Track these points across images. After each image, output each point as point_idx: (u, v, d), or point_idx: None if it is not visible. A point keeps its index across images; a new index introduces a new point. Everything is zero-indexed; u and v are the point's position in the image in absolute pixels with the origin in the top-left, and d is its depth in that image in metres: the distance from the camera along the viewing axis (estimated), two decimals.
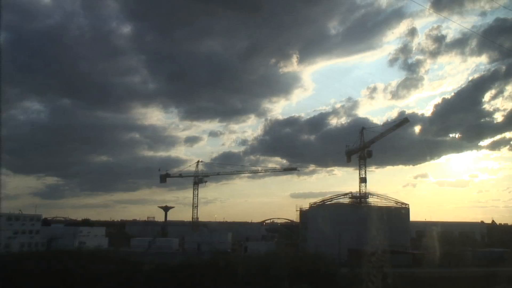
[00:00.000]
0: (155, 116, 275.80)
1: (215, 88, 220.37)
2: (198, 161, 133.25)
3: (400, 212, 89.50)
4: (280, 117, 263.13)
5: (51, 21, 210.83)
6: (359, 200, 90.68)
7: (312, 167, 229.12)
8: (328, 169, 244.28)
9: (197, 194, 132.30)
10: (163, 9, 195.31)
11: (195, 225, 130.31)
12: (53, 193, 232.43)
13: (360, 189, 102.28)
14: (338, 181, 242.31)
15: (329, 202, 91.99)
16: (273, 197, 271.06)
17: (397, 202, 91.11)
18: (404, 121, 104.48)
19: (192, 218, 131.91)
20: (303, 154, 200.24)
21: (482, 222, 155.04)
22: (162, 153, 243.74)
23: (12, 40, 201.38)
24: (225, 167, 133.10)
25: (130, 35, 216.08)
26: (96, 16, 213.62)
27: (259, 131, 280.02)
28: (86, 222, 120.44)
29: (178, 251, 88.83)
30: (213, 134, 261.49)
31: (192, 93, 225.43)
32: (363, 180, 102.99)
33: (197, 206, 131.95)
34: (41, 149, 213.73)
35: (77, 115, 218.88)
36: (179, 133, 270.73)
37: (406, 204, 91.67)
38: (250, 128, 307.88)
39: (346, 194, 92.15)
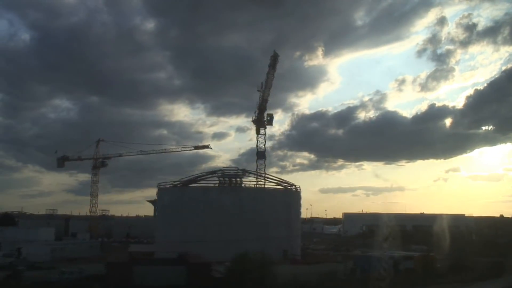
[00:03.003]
0: (182, 112, 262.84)
1: (240, 82, 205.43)
2: (98, 140, 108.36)
3: (284, 196, 61.61)
4: (307, 112, 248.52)
5: (75, 19, 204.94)
6: (230, 180, 62.68)
7: (340, 161, 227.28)
8: (357, 163, 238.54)
9: (98, 180, 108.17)
10: (185, 3, 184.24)
11: (95, 219, 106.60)
12: (86, 190, 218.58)
13: (257, 167, 75.09)
14: (368, 175, 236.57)
15: (196, 183, 64.70)
16: (302, 193, 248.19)
17: (280, 183, 63.01)
18: (274, 56, 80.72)
19: (90, 210, 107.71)
20: (331, 148, 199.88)
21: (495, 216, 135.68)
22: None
23: (39, 38, 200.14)
24: (135, 146, 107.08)
25: (154, 31, 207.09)
26: (119, 13, 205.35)
27: (286, 126, 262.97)
28: None
29: None
30: (240, 129, 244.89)
31: (217, 88, 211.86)
32: (260, 155, 75.27)
33: (97, 195, 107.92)
34: (72, 146, 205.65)
35: (105, 112, 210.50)
36: (206, 129, 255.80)
37: (294, 186, 63.44)
38: (277, 123, 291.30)
39: (214, 172, 64.71)
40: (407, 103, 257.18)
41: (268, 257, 33.88)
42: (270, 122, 77.75)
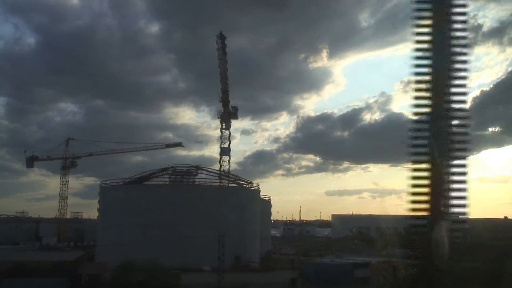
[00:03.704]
0: (187, 115, 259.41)
1: (245, 85, 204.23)
2: (68, 139, 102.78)
3: (239, 195, 55.38)
4: (312, 114, 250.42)
5: (80, 22, 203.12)
6: (183, 178, 56.61)
7: (346, 164, 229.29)
8: (363, 165, 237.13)
9: (67, 181, 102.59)
10: (189, 6, 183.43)
11: (64, 222, 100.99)
12: (92, 193, 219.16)
13: (220, 165, 68.83)
14: (374, 178, 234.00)
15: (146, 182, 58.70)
16: (307, 195, 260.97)
17: (235, 181, 56.67)
18: (221, 37, 73.12)
19: (59, 212, 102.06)
20: (337, 151, 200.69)
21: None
22: (195, 152, 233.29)
23: (44, 42, 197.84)
24: (102, 144, 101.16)
25: (158, 34, 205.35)
26: (123, 16, 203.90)
27: (291, 128, 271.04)
28: None
29: None
30: (245, 132, 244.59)
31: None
32: (224, 151, 69.01)
33: (66, 197, 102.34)
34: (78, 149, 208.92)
35: (111, 116, 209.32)
36: (212, 132, 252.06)
37: (250, 184, 57.18)
38: (282, 125, 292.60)
39: (166, 169, 58.62)
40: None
41: (159, 265, 27.49)
42: (235, 115, 71.39)
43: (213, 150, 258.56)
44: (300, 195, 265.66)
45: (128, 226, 50.38)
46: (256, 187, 57.64)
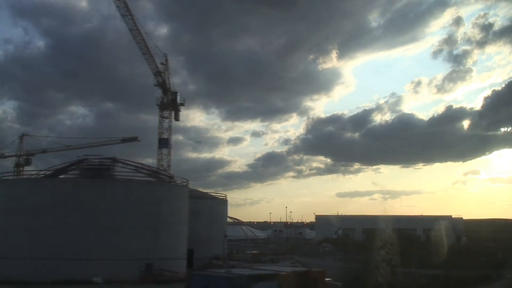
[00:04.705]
0: (197, 117, 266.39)
1: (254, 87, 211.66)
2: (22, 135, 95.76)
3: (156, 191, 46.46)
4: (322, 115, 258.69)
5: (89, 25, 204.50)
6: (97, 171, 47.75)
7: (357, 165, 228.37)
8: (374, 167, 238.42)
9: None
10: (198, 8, 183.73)
11: None
12: None
13: (158, 160, 60.18)
14: (385, 179, 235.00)
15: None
16: (319, 197, 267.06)
17: (152, 174, 47.77)
18: None
19: None
20: (347, 152, 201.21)
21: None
22: (206, 155, 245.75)
23: (54, 46, 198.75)
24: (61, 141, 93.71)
25: (167, 36, 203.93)
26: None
27: (301, 130, 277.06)
28: None
29: None
30: (255, 134, 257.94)
31: (231, 92, 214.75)
32: (162, 143, 60.26)
33: None
34: (88, 153, 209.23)
35: (121, 119, 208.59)
36: (222, 134, 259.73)
37: (172, 178, 48.18)
38: (292, 127, 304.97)
39: (81, 161, 49.90)
40: (423, 105, 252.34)
41: None
42: (175, 101, 62.30)
43: (223, 152, 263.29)
44: (312, 196, 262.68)
45: (13, 229, 41.63)
46: (184, 183, 48.60)
